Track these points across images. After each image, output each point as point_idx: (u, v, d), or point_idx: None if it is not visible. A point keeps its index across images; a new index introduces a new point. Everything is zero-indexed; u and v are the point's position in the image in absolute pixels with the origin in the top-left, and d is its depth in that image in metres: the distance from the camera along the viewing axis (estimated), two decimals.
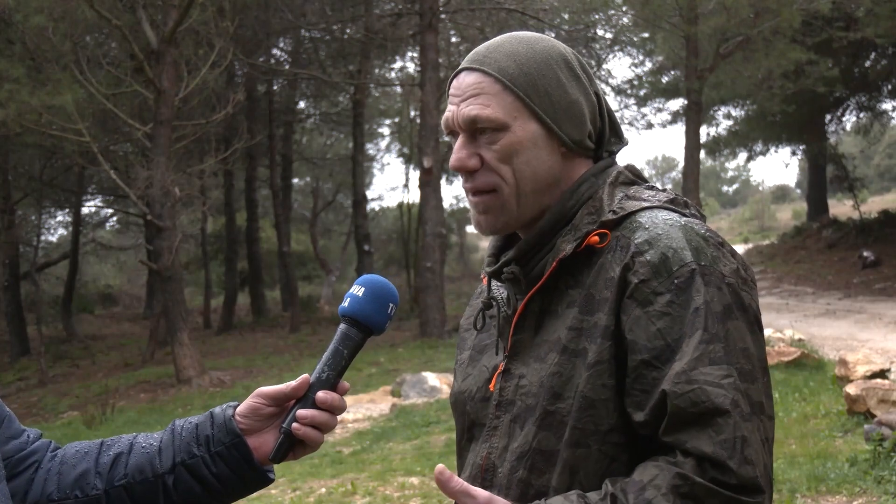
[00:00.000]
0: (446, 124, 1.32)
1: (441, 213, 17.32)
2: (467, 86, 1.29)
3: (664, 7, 17.06)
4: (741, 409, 1.13)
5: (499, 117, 1.26)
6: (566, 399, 1.21)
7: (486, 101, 1.27)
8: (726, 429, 1.11)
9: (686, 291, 1.17)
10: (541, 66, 1.28)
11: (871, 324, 13.01)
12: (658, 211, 1.26)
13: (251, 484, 1.35)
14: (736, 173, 72.79)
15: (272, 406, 1.33)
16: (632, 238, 1.22)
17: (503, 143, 1.27)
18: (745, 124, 28.92)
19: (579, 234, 1.26)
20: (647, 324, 1.17)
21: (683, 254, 1.19)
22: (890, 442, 5.38)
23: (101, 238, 29.89)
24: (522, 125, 1.27)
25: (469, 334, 1.48)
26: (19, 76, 13.88)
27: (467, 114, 1.28)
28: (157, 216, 14.09)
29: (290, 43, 24.04)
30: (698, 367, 1.13)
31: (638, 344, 1.17)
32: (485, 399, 1.34)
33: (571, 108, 1.29)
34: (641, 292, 1.18)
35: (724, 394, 1.12)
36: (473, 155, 1.29)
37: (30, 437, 1.37)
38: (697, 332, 1.15)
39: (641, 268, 1.19)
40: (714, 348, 1.14)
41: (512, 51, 1.29)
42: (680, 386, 1.13)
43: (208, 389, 13.57)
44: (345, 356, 1.32)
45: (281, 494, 6.80)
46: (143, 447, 1.34)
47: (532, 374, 1.26)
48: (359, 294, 1.33)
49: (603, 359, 1.19)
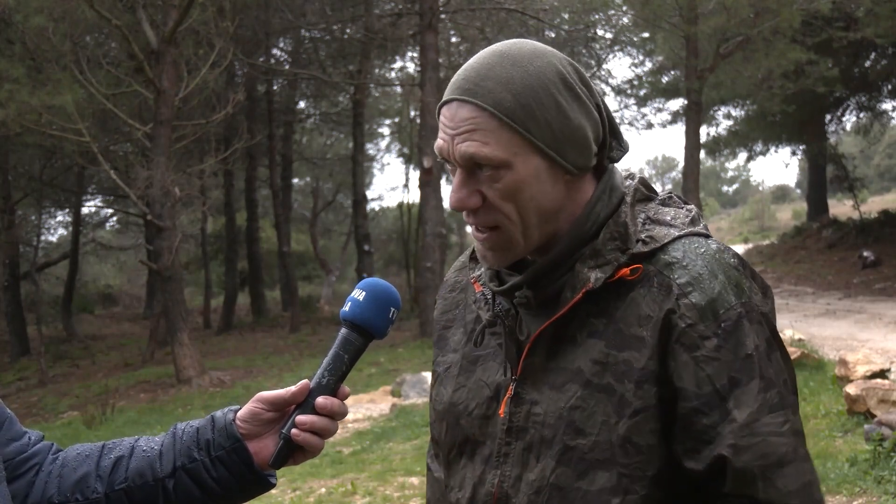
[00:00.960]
0: (440, 152, 1.23)
1: (441, 213, 17.33)
2: (461, 120, 1.19)
3: (664, 7, 17.05)
4: (801, 452, 1.15)
5: (499, 156, 1.18)
6: (588, 435, 1.18)
7: (484, 137, 1.17)
8: (795, 477, 1.12)
9: (734, 335, 1.15)
10: (538, 94, 1.18)
11: (871, 324, 13.00)
12: (689, 241, 1.23)
13: (251, 489, 1.35)
14: (736, 173, 72.87)
15: (272, 411, 1.32)
16: (672, 278, 1.19)
17: (506, 182, 1.19)
18: (745, 124, 28.92)
19: (604, 263, 1.21)
20: (695, 370, 1.15)
21: (727, 296, 1.17)
22: (890, 442, 5.38)
23: (101, 238, 29.89)
24: (524, 161, 1.19)
25: (450, 333, 1.41)
26: (19, 76, 13.88)
27: (464, 151, 1.18)
28: (157, 216, 14.09)
29: (290, 43, 24.05)
30: (760, 418, 1.13)
31: (688, 391, 1.15)
32: (485, 417, 1.30)
33: (574, 134, 1.20)
34: (689, 337, 1.16)
35: (786, 442, 1.13)
36: (474, 193, 1.21)
37: (31, 440, 1.36)
38: (754, 380, 1.14)
39: (688, 311, 1.16)
40: (771, 395, 1.14)
41: (506, 77, 1.18)
42: (745, 440, 1.12)
43: (208, 389, 13.57)
44: (345, 361, 1.30)
45: (281, 494, 6.80)
46: (144, 451, 1.34)
47: (547, 402, 1.22)
48: (360, 298, 1.30)
49: (650, 404, 1.17)
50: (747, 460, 1.12)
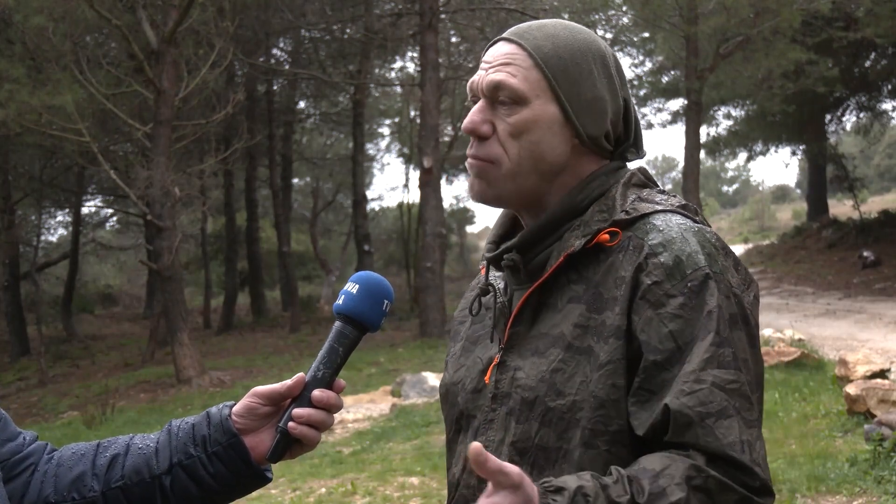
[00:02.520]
0: (471, 88, 1.31)
1: (441, 213, 17.32)
2: (501, 54, 1.29)
3: (664, 7, 17.06)
4: (745, 417, 1.13)
5: (522, 89, 1.26)
6: (567, 396, 1.20)
7: (514, 71, 1.26)
8: (733, 431, 1.11)
9: (699, 295, 1.17)
10: (576, 55, 1.28)
11: (871, 324, 13.00)
12: (671, 215, 1.26)
13: (249, 483, 1.34)
14: (736, 173, 72.86)
15: (268, 405, 1.32)
16: (645, 239, 1.22)
17: (518, 118, 1.26)
18: (745, 124, 28.93)
19: (589, 231, 1.25)
20: (658, 325, 1.17)
21: (697, 258, 1.19)
22: (890, 442, 5.38)
23: (101, 238, 29.86)
24: (542, 104, 1.26)
25: (463, 326, 1.46)
26: (19, 76, 13.87)
27: (493, 79, 1.27)
28: (157, 216, 14.08)
29: (290, 43, 24.05)
30: (707, 368, 1.13)
31: (650, 345, 1.17)
32: (477, 390, 1.33)
33: (595, 102, 1.28)
34: (654, 294, 1.18)
35: (727, 399, 1.13)
36: (487, 122, 1.28)
37: (26, 440, 1.36)
38: (710, 334, 1.15)
39: (655, 269, 1.19)
40: (724, 352, 1.15)
41: (553, 33, 1.29)
42: (688, 385, 1.12)
43: (208, 389, 13.57)
44: (340, 354, 1.31)
45: (281, 494, 6.80)
46: (139, 448, 1.34)
47: (530, 367, 1.25)
48: (353, 291, 1.31)
49: (614, 358, 1.18)
50: (686, 403, 1.11)
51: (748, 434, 1.12)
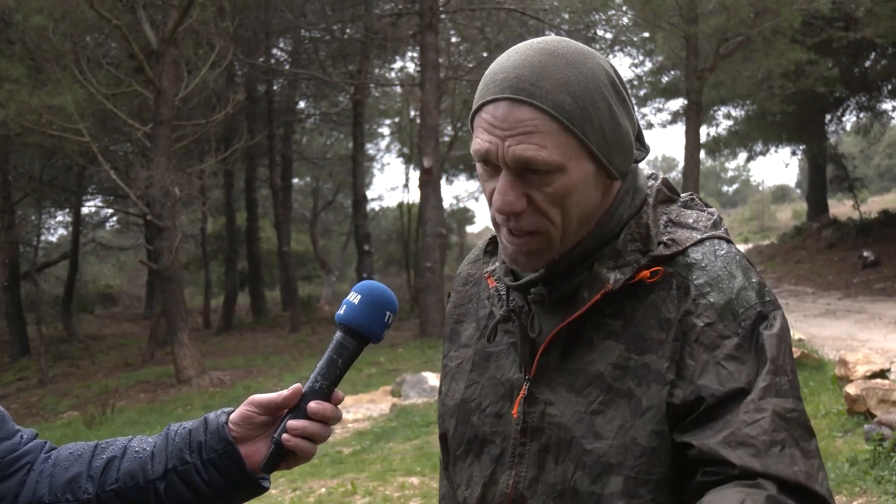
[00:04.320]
0: (485, 156, 1.16)
1: (441, 213, 17.32)
2: (517, 121, 1.13)
3: (664, 7, 17.05)
4: (805, 447, 1.11)
5: (556, 160, 1.13)
6: (605, 439, 1.17)
7: (542, 140, 1.12)
8: (801, 459, 1.08)
9: (753, 333, 1.14)
10: (594, 97, 1.15)
11: (871, 324, 13.00)
12: (710, 244, 1.21)
13: (243, 492, 1.33)
14: (736, 173, 72.89)
15: (264, 415, 1.31)
16: (690, 278, 1.18)
17: (558, 186, 1.15)
18: (745, 124, 28.94)
19: (624, 264, 1.19)
20: (717, 368, 1.13)
21: (748, 295, 1.16)
22: (890, 442, 5.38)
23: (101, 238, 29.85)
24: (578, 166, 1.15)
25: (463, 328, 1.39)
26: (19, 76, 13.88)
27: (521, 154, 1.13)
28: (157, 216, 14.09)
29: (290, 43, 24.06)
30: (766, 397, 1.11)
31: (710, 388, 1.12)
32: (498, 416, 1.28)
33: (622, 139, 1.19)
34: (708, 336, 1.14)
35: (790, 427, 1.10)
36: (522, 196, 1.16)
37: (23, 438, 1.35)
38: (766, 364, 1.12)
39: (706, 311, 1.15)
40: (781, 381, 1.12)
41: (563, 79, 1.13)
42: (749, 415, 1.09)
43: (208, 389, 13.57)
44: (339, 365, 1.28)
45: (281, 494, 6.80)
46: (136, 451, 1.33)
47: (564, 404, 1.21)
48: (355, 302, 1.28)
49: (655, 404, 1.14)
50: (749, 434, 1.08)
51: (811, 464, 1.09)
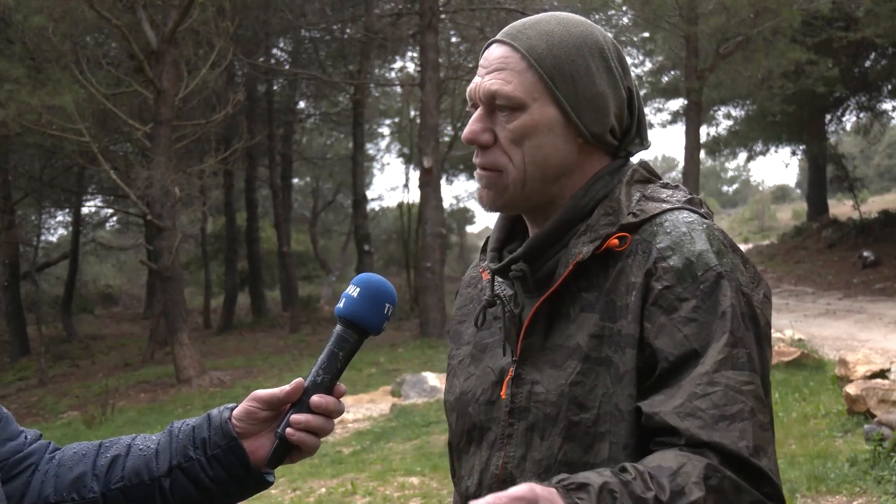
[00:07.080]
0: (469, 95, 1.27)
1: (441, 213, 17.32)
2: (494, 59, 1.25)
3: (664, 7, 17.05)
4: (760, 419, 1.11)
5: (518, 95, 1.22)
6: (590, 409, 1.18)
7: (509, 77, 1.23)
8: (748, 434, 1.08)
9: (712, 296, 1.14)
10: (571, 51, 1.23)
11: (871, 324, 13.00)
12: (678, 213, 1.23)
13: (248, 487, 1.33)
14: (736, 173, 72.76)
15: (267, 410, 1.31)
16: (653, 243, 1.19)
17: (517, 124, 1.22)
18: (745, 124, 28.94)
19: (596, 236, 1.21)
20: (672, 331, 1.14)
21: (708, 257, 1.16)
22: (890, 442, 5.38)
23: (101, 238, 29.86)
24: (541, 108, 1.22)
25: (465, 328, 1.42)
26: (19, 76, 13.87)
27: (488, 88, 1.23)
28: (157, 216, 14.09)
29: (290, 43, 24.05)
30: (721, 370, 1.10)
31: (664, 352, 1.14)
32: (490, 402, 1.30)
33: (595, 99, 1.24)
34: (666, 299, 1.15)
35: (744, 400, 1.10)
36: (487, 130, 1.25)
37: (27, 439, 1.36)
38: (724, 335, 1.12)
39: (665, 273, 1.16)
40: (739, 353, 1.12)
41: (547, 30, 1.24)
42: (701, 387, 1.10)
43: (208, 389, 13.57)
44: (340, 359, 1.28)
45: (281, 494, 6.80)
46: (140, 449, 1.33)
47: (548, 380, 1.22)
48: (354, 294, 1.28)
49: (628, 368, 1.16)
50: (699, 406, 1.09)
51: (762, 438, 1.10)
